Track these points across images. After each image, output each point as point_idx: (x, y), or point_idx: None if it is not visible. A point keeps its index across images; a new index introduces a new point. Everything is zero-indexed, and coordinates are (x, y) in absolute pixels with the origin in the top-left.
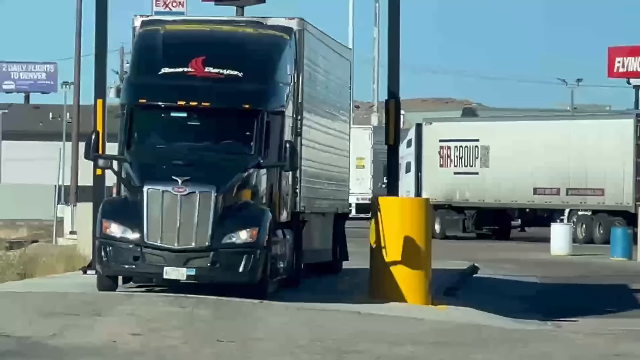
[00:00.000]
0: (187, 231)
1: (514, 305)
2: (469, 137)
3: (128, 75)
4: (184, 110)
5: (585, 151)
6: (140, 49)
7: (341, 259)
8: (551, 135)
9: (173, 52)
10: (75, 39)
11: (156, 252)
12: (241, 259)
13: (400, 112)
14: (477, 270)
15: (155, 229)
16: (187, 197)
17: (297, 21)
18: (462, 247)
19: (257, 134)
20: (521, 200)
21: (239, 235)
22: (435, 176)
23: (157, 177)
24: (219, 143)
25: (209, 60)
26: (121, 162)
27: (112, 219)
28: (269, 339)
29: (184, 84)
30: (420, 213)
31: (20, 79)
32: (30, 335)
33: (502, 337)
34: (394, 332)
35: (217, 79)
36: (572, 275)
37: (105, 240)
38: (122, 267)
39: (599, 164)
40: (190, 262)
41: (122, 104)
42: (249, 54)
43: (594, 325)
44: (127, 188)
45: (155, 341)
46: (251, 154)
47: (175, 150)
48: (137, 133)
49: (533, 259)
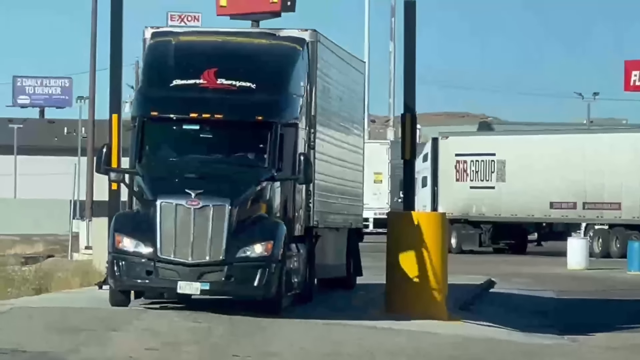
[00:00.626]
0: (200, 245)
1: (530, 320)
2: (485, 151)
3: (139, 87)
4: (196, 122)
5: (602, 165)
6: (151, 61)
7: (355, 274)
8: (568, 149)
9: (185, 63)
10: (90, 53)
11: (169, 267)
12: (256, 273)
13: (416, 126)
14: (494, 284)
15: (169, 243)
16: (200, 211)
17: (310, 33)
18: (479, 262)
19: (271, 147)
20: (538, 214)
21: (253, 248)
22: (452, 190)
23: (170, 191)
24: (232, 155)
25: (222, 71)
26: (133, 175)
27: (124, 233)
28: (285, 353)
29: (196, 96)
30: (436, 228)
31: (35, 93)
32: (46, 351)
33: (518, 351)
34: (410, 346)
35: (229, 90)
36: (589, 289)
37: (117, 255)
38: (135, 282)
39: (615, 177)
40: (204, 277)
41: (134, 117)
42: (262, 66)
43: (610, 340)
44: (139, 201)
45: (171, 356)
46: (264, 167)
47: (187, 163)
48: (148, 146)
49: (549, 273)
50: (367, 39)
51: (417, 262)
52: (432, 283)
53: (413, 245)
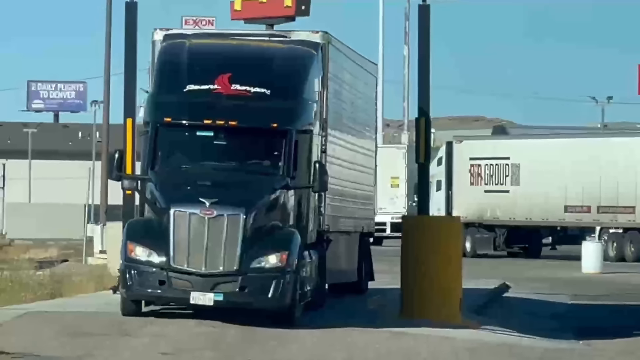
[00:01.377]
0: (214, 255)
1: (545, 324)
2: (499, 155)
3: (152, 92)
4: (210, 129)
5: (616, 169)
6: (164, 64)
7: (367, 279)
8: (582, 153)
9: (198, 68)
10: (104, 58)
11: (183, 277)
12: (270, 283)
13: (430, 130)
14: (508, 288)
15: (182, 253)
16: (215, 220)
17: (321, 35)
18: (493, 266)
19: (286, 154)
20: (552, 218)
21: (268, 259)
22: (466, 194)
23: (184, 199)
24: (246, 163)
25: (236, 77)
26: (145, 182)
27: (137, 241)
28: (301, 358)
29: (210, 102)
30: (450, 232)
31: (49, 98)
32: (60, 356)
33: (532, 355)
34: (425, 350)
35: (244, 97)
36: (603, 293)
37: (130, 264)
38: (147, 292)
39: (629, 181)
40: (217, 287)
41: (146, 122)
42: (277, 71)
43: (625, 344)
44: (152, 209)
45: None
46: (279, 175)
47: (201, 170)
48: (161, 152)
49: (564, 277)
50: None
51: (432, 266)
52: (446, 287)
53: (427, 249)
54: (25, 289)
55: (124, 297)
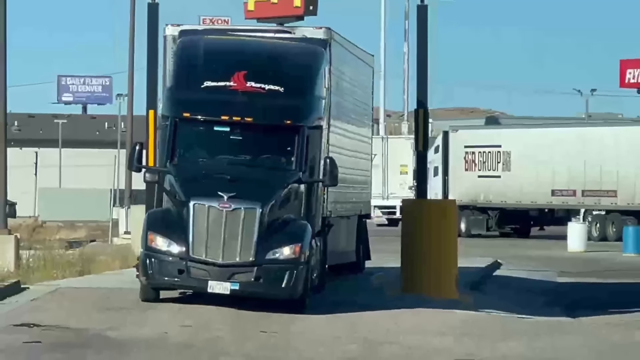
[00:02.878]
0: (231, 246)
1: (535, 299)
2: (492, 143)
3: (170, 86)
4: (227, 124)
5: (600, 156)
6: (181, 60)
7: (364, 258)
8: (568, 141)
9: (215, 65)
10: (128, 54)
11: (201, 266)
12: (284, 274)
13: (428, 120)
14: (500, 266)
15: (201, 244)
16: (232, 213)
17: (324, 30)
18: (486, 245)
19: (298, 149)
20: (540, 201)
21: (282, 251)
22: (461, 179)
23: (203, 193)
24: (261, 158)
25: (251, 74)
26: (164, 174)
27: (157, 232)
28: (309, 331)
29: (227, 98)
30: (446, 213)
31: (78, 91)
32: (88, 328)
33: (524, 328)
34: (424, 324)
35: (259, 94)
36: (588, 270)
37: (150, 253)
38: (166, 280)
39: (612, 167)
40: (234, 277)
41: (165, 116)
42: (289, 69)
43: (610, 317)
44: (171, 201)
45: (203, 333)
46: (292, 169)
47: (219, 164)
48: (180, 145)
49: (551, 255)
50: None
51: (429, 245)
52: (443, 265)
53: (425, 230)
54: (57, 267)
55: (144, 284)
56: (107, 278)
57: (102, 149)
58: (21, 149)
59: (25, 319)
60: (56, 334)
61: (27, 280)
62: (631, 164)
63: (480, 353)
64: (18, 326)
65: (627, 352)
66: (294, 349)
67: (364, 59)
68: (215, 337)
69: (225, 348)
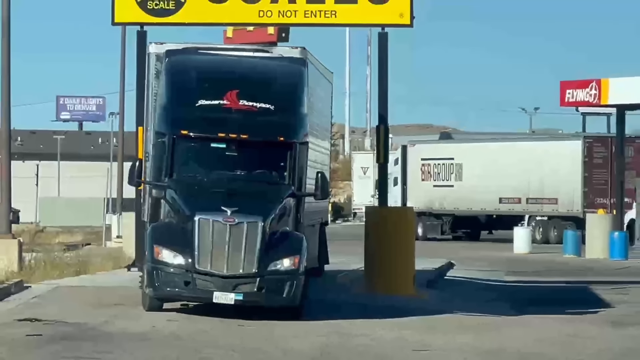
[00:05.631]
0: (235, 258)
1: (485, 296)
2: (445, 156)
3: (165, 105)
4: (223, 141)
5: (542, 167)
6: (174, 79)
7: (323, 263)
8: (514, 154)
9: (208, 84)
10: (119, 77)
11: (206, 278)
12: (285, 284)
13: (388, 136)
14: (453, 266)
15: (206, 256)
16: (236, 227)
17: (300, 50)
18: (441, 247)
19: (290, 164)
20: (489, 208)
21: (283, 262)
22: (418, 188)
23: (207, 207)
24: (255, 173)
25: (243, 93)
26: (163, 189)
27: (163, 245)
28: (285, 325)
29: (222, 116)
30: (405, 219)
31: (75, 110)
32: (86, 322)
33: (475, 322)
34: (387, 318)
35: (251, 112)
36: (532, 270)
37: (156, 265)
38: (173, 291)
39: (553, 177)
40: (238, 288)
41: (160, 132)
42: (278, 88)
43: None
44: (174, 214)
45: (188, 325)
46: (285, 184)
47: (217, 180)
48: (178, 162)
49: (499, 256)
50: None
51: (390, 248)
52: (402, 265)
53: (386, 234)
54: (56, 268)
55: (150, 295)
56: (101, 277)
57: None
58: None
59: (28, 314)
60: (55, 328)
61: (29, 280)
62: (571, 174)
63: (435, 344)
64: (21, 321)
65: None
66: (273, 340)
67: (326, 76)
68: (200, 330)
69: (210, 339)
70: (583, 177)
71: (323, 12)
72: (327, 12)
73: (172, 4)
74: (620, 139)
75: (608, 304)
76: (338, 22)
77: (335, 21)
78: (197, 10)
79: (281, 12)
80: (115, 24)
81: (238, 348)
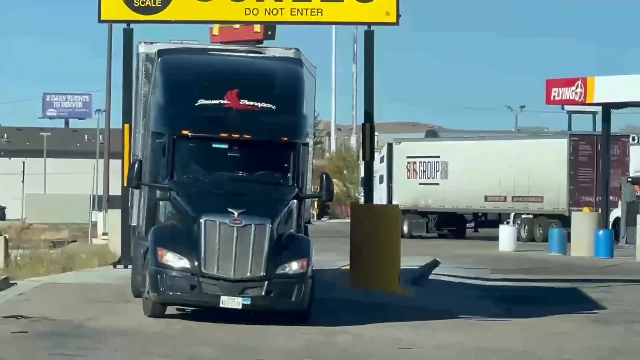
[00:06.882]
0: (243, 262)
1: (471, 294)
2: (431, 154)
3: (162, 104)
4: (226, 142)
5: (528, 165)
6: (171, 78)
7: None
8: (500, 152)
9: (207, 83)
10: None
11: (213, 282)
12: (293, 288)
13: (374, 133)
14: (439, 264)
15: (212, 259)
16: (243, 229)
17: (294, 52)
18: (426, 245)
19: (293, 165)
20: (475, 206)
21: (291, 265)
22: (404, 186)
23: (213, 209)
24: (259, 174)
25: (243, 92)
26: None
27: (167, 248)
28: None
29: (223, 116)
30: (390, 217)
31: (61, 107)
32: (71, 319)
33: (463, 320)
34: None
35: (253, 111)
36: (517, 267)
37: (160, 269)
38: (178, 296)
39: (539, 175)
40: (245, 292)
41: (158, 133)
42: (279, 88)
43: (537, 309)
44: (178, 216)
45: (176, 324)
46: (290, 185)
47: (220, 181)
48: (178, 163)
49: (485, 254)
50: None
51: (375, 245)
52: (387, 262)
53: (371, 231)
54: (41, 264)
55: (153, 300)
56: (87, 274)
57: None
58: (10, 159)
59: (14, 311)
60: (42, 325)
61: (15, 277)
62: (556, 172)
63: (421, 342)
64: (7, 318)
65: (554, 340)
66: (259, 338)
67: (311, 72)
68: (189, 327)
69: (198, 337)
70: (569, 175)
71: (309, 10)
72: (313, 10)
73: (159, 1)
74: (605, 137)
75: (593, 302)
76: (324, 20)
77: (322, 19)
78: (184, 8)
79: (267, 10)
80: (101, 22)
81: (227, 345)
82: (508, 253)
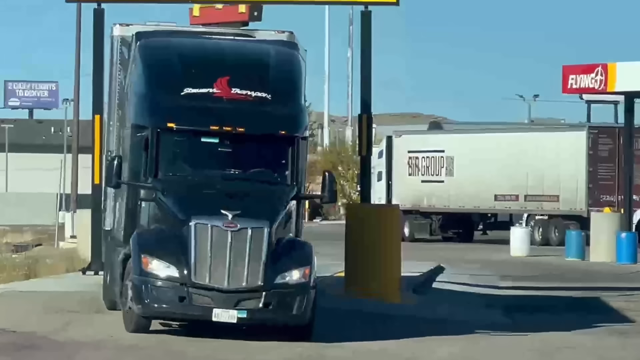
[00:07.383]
0: (237, 270)
1: (477, 302)
2: (435, 148)
3: (143, 94)
4: (216, 135)
5: (542, 161)
6: (153, 64)
7: None
8: (511, 146)
9: (194, 70)
10: (75, 60)
11: (204, 293)
12: (295, 299)
13: (372, 125)
14: (443, 269)
15: (203, 268)
16: (238, 233)
17: (287, 35)
18: (429, 249)
19: (292, 161)
20: (483, 205)
21: (292, 274)
22: (405, 184)
23: (204, 211)
24: (253, 171)
25: (234, 80)
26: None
27: (152, 254)
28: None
29: (212, 107)
30: (390, 218)
31: (24, 96)
32: (35, 331)
33: (465, 330)
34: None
35: (245, 101)
36: (530, 274)
37: (145, 279)
38: (165, 309)
39: (554, 172)
40: (241, 304)
41: (140, 126)
42: (274, 74)
43: (549, 320)
44: (163, 220)
45: (150, 337)
46: (288, 184)
47: (211, 179)
48: (164, 159)
49: (494, 259)
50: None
51: (373, 250)
52: (387, 268)
53: (369, 234)
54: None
55: (137, 313)
56: (53, 281)
57: (48, 153)
58: None
59: None
60: (3, 337)
61: None
62: (572, 169)
63: (421, 355)
64: None
65: (566, 354)
66: (245, 351)
67: (302, 56)
68: (163, 340)
69: (174, 350)
70: (587, 171)
71: None
72: None
73: None
74: (628, 130)
75: (613, 312)
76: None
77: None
78: None
79: None
80: (69, 1)
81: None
82: (520, 258)
